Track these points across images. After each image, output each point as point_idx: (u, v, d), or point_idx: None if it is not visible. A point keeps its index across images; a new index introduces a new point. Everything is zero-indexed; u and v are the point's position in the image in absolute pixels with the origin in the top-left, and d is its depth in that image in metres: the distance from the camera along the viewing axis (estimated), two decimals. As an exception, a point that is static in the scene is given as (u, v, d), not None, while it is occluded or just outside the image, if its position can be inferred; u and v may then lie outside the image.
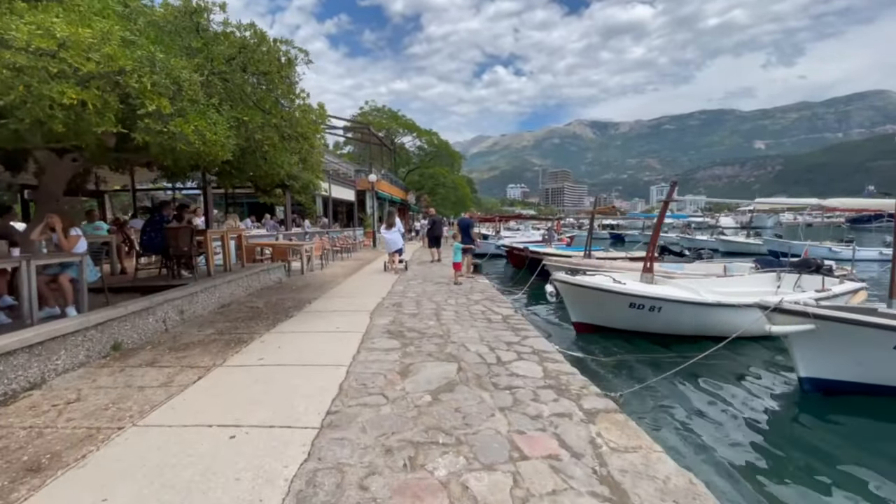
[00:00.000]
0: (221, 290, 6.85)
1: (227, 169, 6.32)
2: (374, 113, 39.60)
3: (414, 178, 41.56)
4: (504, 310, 6.76)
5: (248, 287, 7.81)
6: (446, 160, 43.17)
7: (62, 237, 5.01)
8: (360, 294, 7.95)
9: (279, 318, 6.04)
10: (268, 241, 11.08)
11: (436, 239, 14.33)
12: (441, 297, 7.79)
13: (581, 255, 14.19)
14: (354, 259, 15.15)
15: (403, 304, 6.97)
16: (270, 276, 8.91)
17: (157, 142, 3.62)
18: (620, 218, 41.32)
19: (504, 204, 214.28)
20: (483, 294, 8.16)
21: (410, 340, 4.88)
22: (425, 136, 40.57)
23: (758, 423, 4.72)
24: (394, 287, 8.82)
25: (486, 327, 5.61)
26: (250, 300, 7.30)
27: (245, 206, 27.07)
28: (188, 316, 5.84)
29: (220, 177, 6.76)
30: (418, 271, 11.59)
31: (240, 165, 5.45)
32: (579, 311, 7.22)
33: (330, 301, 7.28)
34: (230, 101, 4.32)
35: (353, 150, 40.73)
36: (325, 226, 19.29)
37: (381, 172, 27.32)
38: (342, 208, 27.75)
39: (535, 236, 24.59)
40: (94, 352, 4.19)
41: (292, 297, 7.56)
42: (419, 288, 8.77)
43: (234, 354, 4.36)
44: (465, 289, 8.75)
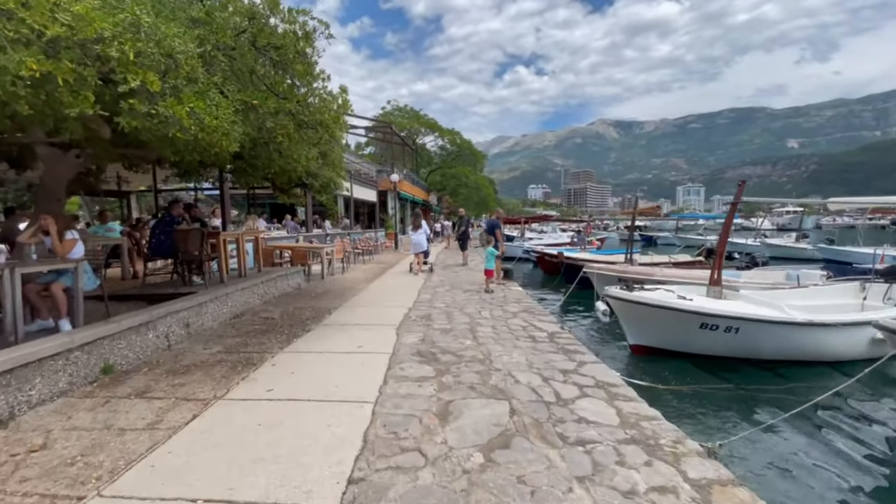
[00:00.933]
0: (234, 298, 6.25)
1: (242, 165, 5.71)
2: (397, 112, 39.14)
3: (436, 179, 40.91)
4: (547, 325, 5.92)
5: (264, 294, 7.21)
6: (468, 160, 42.35)
7: (56, 241, 4.45)
8: (384, 303, 7.24)
9: (295, 332, 5.37)
10: (287, 244, 10.52)
11: (465, 241, 13.65)
12: (473, 307, 7.00)
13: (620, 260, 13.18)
14: (376, 262, 14.53)
15: (433, 317, 6.21)
16: (289, 282, 8.31)
17: (146, 128, 2.96)
18: (653, 219, 39.67)
19: (525, 205, 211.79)
20: (520, 305, 7.33)
21: (446, 366, 4.11)
22: (447, 135, 39.87)
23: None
24: (420, 295, 8.08)
25: (531, 348, 4.79)
26: (266, 309, 6.68)
27: (267, 207, 26.95)
28: (195, 329, 5.23)
29: (236, 174, 6.16)
30: (445, 277, 10.83)
31: (251, 160, 4.81)
32: (639, 332, 6.30)
33: (351, 311, 6.59)
34: (237, 81, 3.65)
35: (375, 150, 40.40)
36: (346, 227, 18.78)
37: (403, 172, 26.74)
38: (364, 209, 27.31)
39: (562, 238, 23.52)
40: (79, 377, 3.58)
41: (311, 306, 6.90)
42: (448, 296, 8.01)
43: (240, 382, 3.67)
44: (498, 298, 7.94)
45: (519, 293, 8.60)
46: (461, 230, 13.94)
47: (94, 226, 8.22)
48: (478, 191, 39.33)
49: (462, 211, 14.97)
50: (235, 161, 5.61)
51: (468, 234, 14.09)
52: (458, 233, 13.99)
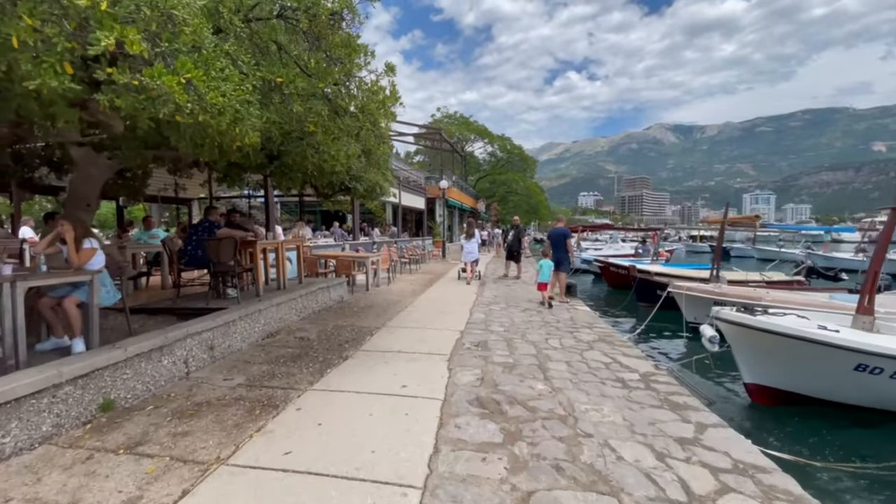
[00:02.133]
0: (269, 314, 5.61)
1: (279, 167, 5.07)
2: (446, 120, 38.76)
3: (484, 186, 39.97)
4: (635, 361, 4.74)
5: (302, 309, 6.55)
6: (518, 166, 41.03)
7: (72, 250, 3.95)
8: (432, 323, 6.34)
9: (330, 359, 4.58)
10: (331, 253, 9.97)
11: (517, 252, 12.51)
12: (537, 332, 5.92)
13: (701, 276, 11.49)
14: (423, 272, 13.75)
15: (490, 345, 5.21)
16: (330, 295, 7.65)
17: (133, 108, 2.24)
18: (737, 229, 36.10)
19: (576, 213, 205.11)
20: (593, 331, 6.15)
21: (516, 425, 3.09)
22: (497, 141, 38.86)
23: None
24: (472, 314, 7.10)
25: (625, 398, 3.66)
26: (303, 328, 5.99)
27: (318, 214, 27.27)
28: (221, 352, 4.58)
29: (276, 178, 5.55)
30: (498, 292, 9.78)
31: (282, 156, 4.10)
32: (763, 371, 4.92)
33: (395, 333, 5.73)
34: (258, 55, 2.92)
35: (424, 159, 40.20)
36: (393, 235, 18.25)
37: (452, 179, 26.04)
38: (411, 216, 26.88)
39: (623, 249, 21.63)
40: (70, 417, 2.95)
41: (351, 325, 6.14)
42: (505, 316, 6.97)
43: (254, 435, 2.88)
44: (564, 321, 6.79)
45: (588, 315, 7.38)
46: (515, 240, 12.69)
47: (138, 232, 8.04)
48: (528, 198, 37.86)
49: (517, 219, 13.81)
50: (272, 162, 4.98)
51: (521, 245, 12.89)
52: (510, 242, 12.72)
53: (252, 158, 4.37)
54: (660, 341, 8.41)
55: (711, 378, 6.14)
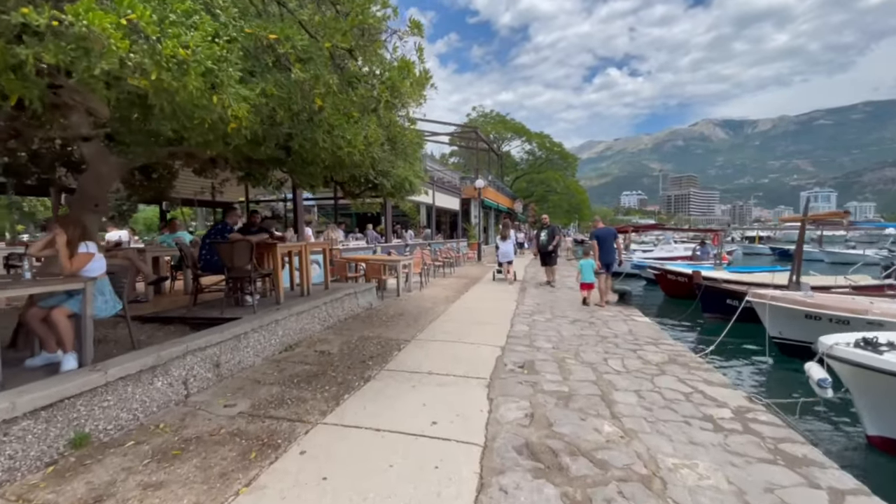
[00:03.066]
0: (288, 325, 5.06)
1: (295, 161, 4.51)
2: (482, 119, 37.94)
3: (521, 186, 38.78)
4: (721, 390, 3.80)
5: (326, 318, 5.99)
6: (558, 165, 39.48)
7: (63, 255, 3.52)
8: (468, 336, 5.59)
9: (350, 380, 3.93)
10: (361, 256, 9.44)
11: (551, 255, 11.14)
12: (593, 350, 5.04)
13: (773, 281, 10.10)
14: (458, 276, 13.02)
15: (538, 366, 4.40)
16: (359, 301, 7.07)
17: (60, 58, 1.65)
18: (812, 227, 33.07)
19: (618, 212, 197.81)
20: (660, 349, 5.19)
21: (584, 492, 2.29)
22: (536, 139, 37.55)
23: None
24: (514, 325, 6.29)
25: (720, 445, 2.78)
26: (325, 339, 5.41)
27: (353, 217, 27.19)
28: (229, 369, 4.05)
29: (295, 173, 5.01)
30: (541, 299, 8.89)
31: (292, 143, 3.49)
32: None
33: (426, 348, 5.03)
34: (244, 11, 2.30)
35: (459, 160, 39.56)
36: (427, 237, 17.67)
37: (488, 178, 25.19)
38: (446, 218, 26.27)
39: (676, 251, 19.95)
40: (29, 458, 2.43)
41: (378, 337, 5.50)
42: (551, 328, 6.11)
43: (240, 492, 2.25)
44: (622, 334, 5.86)
45: (650, 328, 6.39)
46: (548, 241, 10.98)
47: (162, 235, 7.82)
48: (569, 197, 36.27)
49: (546, 218, 11.82)
50: (289, 155, 4.42)
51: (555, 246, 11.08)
52: (542, 243, 11.01)
53: (264, 150, 3.82)
54: (737, 362, 7.24)
55: (814, 412, 5.02)
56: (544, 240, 11.19)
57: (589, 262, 8.18)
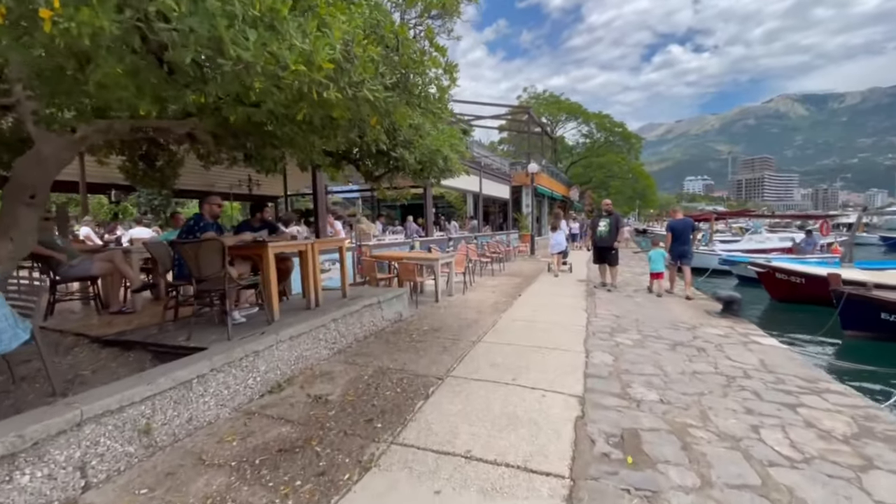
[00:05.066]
0: (276, 355, 3.70)
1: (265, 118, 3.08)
2: (533, 101, 35.33)
3: (577, 171, 35.81)
4: None
5: (336, 340, 4.59)
6: (619, 148, 35.92)
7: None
8: (525, 372, 3.93)
9: (340, 465, 2.45)
10: (392, 254, 8.00)
11: (612, 251, 8.60)
12: (724, 406, 3.21)
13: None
14: (508, 273, 11.28)
15: (647, 447, 2.66)
16: (383, 313, 5.62)
17: None
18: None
19: (682, 199, 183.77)
20: (825, 400, 3.28)
21: None
22: (594, 119, 34.29)
23: None
24: (591, 353, 4.53)
25: None
26: (329, 373, 4.00)
27: (397, 210, 26.05)
28: (169, 433, 2.71)
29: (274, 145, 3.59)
30: (619, 308, 6.99)
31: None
32: None
33: (465, 395, 3.44)
34: None
35: (509, 148, 37.29)
36: (473, 229, 16.02)
37: (542, 163, 22.98)
38: (495, 207, 24.43)
39: (770, 242, 16.79)
40: None
41: (401, 370, 4.00)
42: (645, 359, 4.29)
43: None
44: (750, 368, 3.94)
45: (789, 358, 4.38)
46: (609, 233, 8.57)
47: (161, 232, 6.82)
48: (634, 181, 32.80)
49: (608, 204, 9.02)
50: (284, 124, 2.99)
51: (617, 239, 8.65)
52: (601, 235, 8.61)
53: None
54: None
55: None
56: (603, 230, 8.61)
57: (659, 251, 8.20)
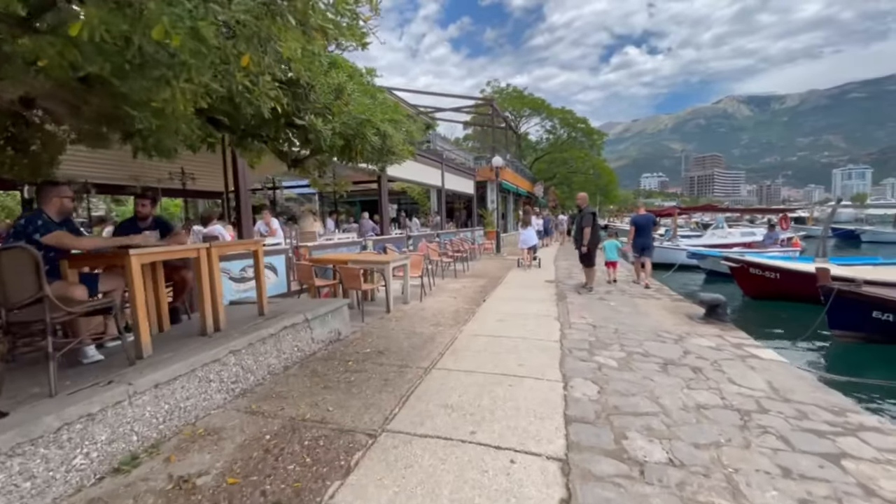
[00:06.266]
0: (132, 413, 2.55)
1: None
2: (497, 96, 34.66)
3: (541, 167, 35.53)
4: None
5: (239, 377, 3.45)
6: (582, 143, 35.87)
7: None
8: (491, 415, 2.96)
9: None
10: (334, 257, 6.84)
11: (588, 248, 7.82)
12: (751, 467, 2.35)
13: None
14: (472, 274, 10.36)
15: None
16: (314, 333, 4.50)
17: None
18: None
19: (640, 195, 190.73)
20: (869, 446, 2.47)
21: None
22: (558, 114, 34.04)
23: None
24: (570, 379, 3.63)
25: None
26: (217, 431, 2.87)
27: (357, 205, 24.59)
28: None
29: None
30: (595, 316, 6.17)
31: None
32: None
33: (407, 458, 2.42)
34: None
35: (475, 144, 36.52)
36: (436, 226, 15.03)
37: (506, 158, 22.28)
38: (459, 203, 23.54)
39: (731, 237, 16.79)
40: None
41: (321, 422, 2.92)
42: (637, 388, 3.42)
43: None
44: (762, 395, 3.14)
45: (799, 379, 3.64)
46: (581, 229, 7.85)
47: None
48: (596, 178, 32.81)
49: (582, 197, 8.30)
50: None
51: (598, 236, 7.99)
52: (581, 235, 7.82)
53: None
54: None
55: None
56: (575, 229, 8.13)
57: (613, 242, 8.74)
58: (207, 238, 5.59)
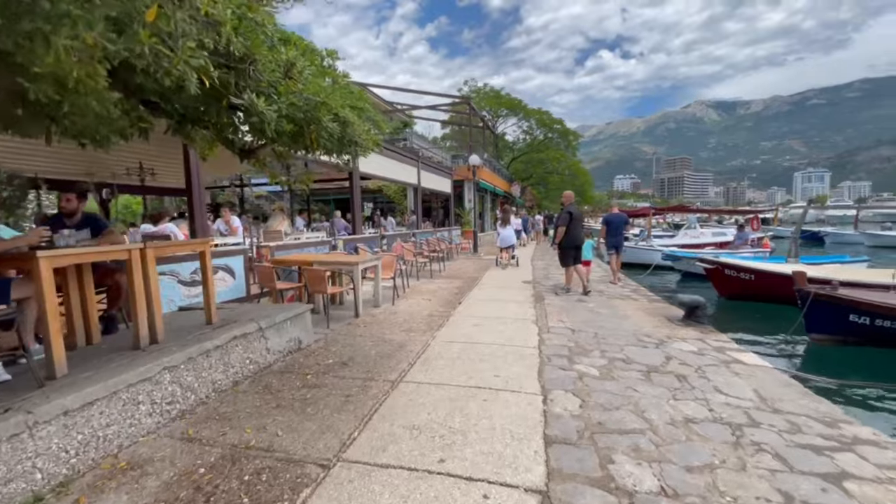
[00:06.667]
0: (32, 447, 2.11)
1: None
2: (475, 95, 34.48)
3: (518, 167, 35.58)
4: None
5: (176, 398, 3.02)
6: (558, 144, 36.11)
7: None
8: (462, 429, 2.66)
9: None
10: (304, 256, 6.38)
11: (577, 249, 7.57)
12: (726, 468, 2.11)
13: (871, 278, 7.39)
14: (448, 274, 10.05)
15: None
16: (270, 343, 4.08)
17: None
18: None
19: (612, 196, 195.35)
20: (871, 464, 2.27)
21: None
22: (534, 115, 34.12)
23: None
24: (549, 391, 3.35)
25: None
26: (140, 466, 2.44)
27: (332, 204, 23.90)
28: None
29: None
30: (574, 320, 5.95)
31: None
32: None
33: (363, 496, 2.08)
34: None
35: (452, 143, 36.26)
36: (412, 225, 14.65)
37: (484, 157, 22.09)
38: (437, 203, 23.21)
39: (704, 237, 17.07)
40: None
41: (265, 454, 2.54)
42: (620, 400, 3.17)
43: None
44: (751, 405, 2.94)
45: (787, 386, 3.47)
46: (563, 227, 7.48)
47: None
48: (573, 178, 33.09)
49: (567, 196, 7.96)
50: None
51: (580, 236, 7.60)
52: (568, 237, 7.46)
53: None
54: None
55: None
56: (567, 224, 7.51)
57: (589, 242, 8.43)
58: (153, 237, 5.06)
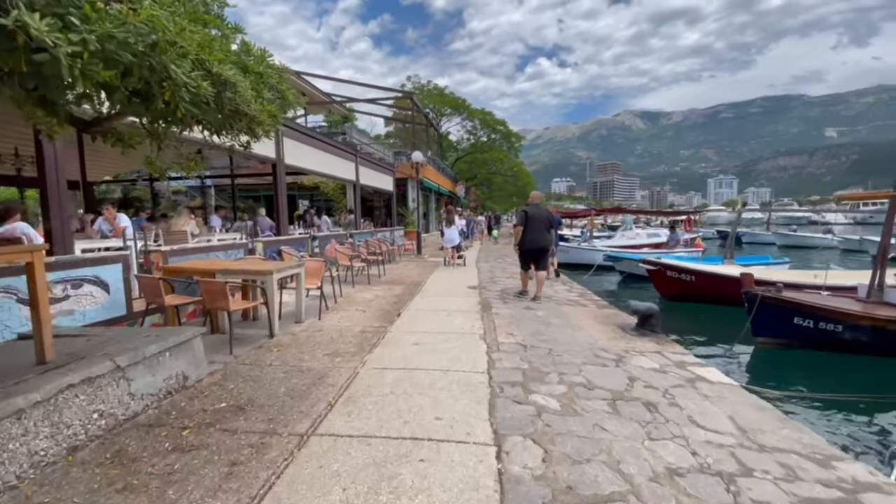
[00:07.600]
0: None
1: None
2: (418, 92, 33.67)
3: (462, 167, 35.31)
4: None
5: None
6: (502, 145, 36.32)
7: None
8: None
9: None
10: (208, 265, 5.22)
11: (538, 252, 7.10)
12: None
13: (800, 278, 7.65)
14: (389, 280, 9.19)
15: None
16: (133, 386, 3.03)
17: None
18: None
19: (550, 198, 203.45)
20: (825, 485, 1.82)
21: None
22: (478, 115, 34.00)
23: None
24: (502, 437, 2.66)
25: None
26: None
27: (262, 201, 22.02)
28: None
29: None
30: (519, 329, 5.37)
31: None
32: None
33: None
34: None
35: (396, 141, 35.19)
36: (350, 225, 13.57)
37: (427, 155, 21.37)
38: (379, 202, 22.15)
39: (640, 238, 17.63)
40: None
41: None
42: (589, 444, 2.55)
43: None
44: (732, 441, 2.45)
45: (761, 409, 3.07)
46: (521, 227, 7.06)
47: None
48: (515, 179, 33.35)
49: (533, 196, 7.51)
50: None
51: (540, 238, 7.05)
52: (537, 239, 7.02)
53: None
54: None
55: None
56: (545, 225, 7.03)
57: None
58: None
